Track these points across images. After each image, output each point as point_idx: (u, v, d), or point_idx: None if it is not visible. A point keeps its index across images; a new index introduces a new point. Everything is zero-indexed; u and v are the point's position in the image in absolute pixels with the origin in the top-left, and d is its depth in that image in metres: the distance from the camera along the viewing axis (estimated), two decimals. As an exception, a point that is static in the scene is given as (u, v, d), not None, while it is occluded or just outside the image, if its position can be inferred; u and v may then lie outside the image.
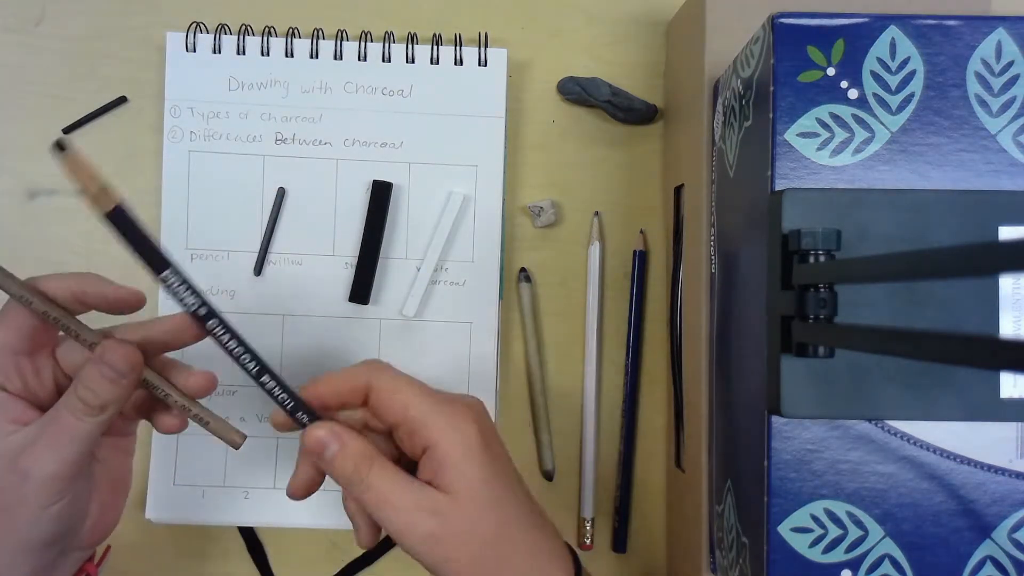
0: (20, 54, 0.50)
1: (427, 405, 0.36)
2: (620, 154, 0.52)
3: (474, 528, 0.35)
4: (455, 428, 0.35)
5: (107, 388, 0.34)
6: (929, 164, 0.34)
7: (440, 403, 0.36)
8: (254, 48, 0.49)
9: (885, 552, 0.34)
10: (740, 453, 0.38)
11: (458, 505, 0.35)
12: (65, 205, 0.50)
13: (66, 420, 0.34)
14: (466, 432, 0.35)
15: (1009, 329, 0.32)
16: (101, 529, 0.38)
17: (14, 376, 0.35)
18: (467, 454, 0.35)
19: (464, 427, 0.35)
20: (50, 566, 0.36)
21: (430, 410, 0.35)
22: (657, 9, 0.52)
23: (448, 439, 0.35)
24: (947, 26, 0.34)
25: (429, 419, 0.35)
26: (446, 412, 0.36)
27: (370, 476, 0.35)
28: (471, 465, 0.35)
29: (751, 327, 0.36)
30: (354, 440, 0.35)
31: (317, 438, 0.35)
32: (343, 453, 0.35)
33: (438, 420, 0.35)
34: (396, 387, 0.36)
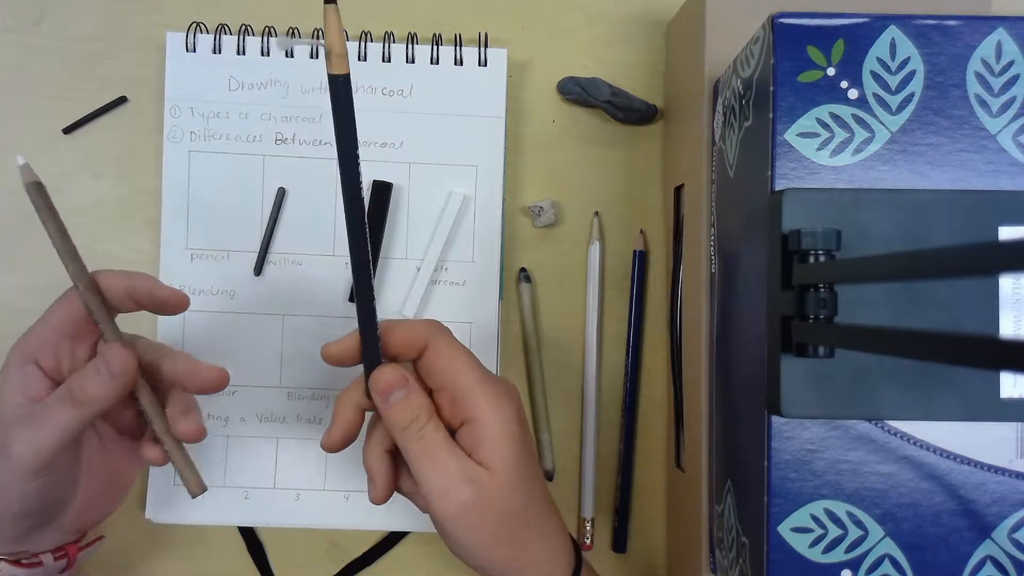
0: (20, 54, 0.50)
1: (477, 379, 0.36)
2: (620, 154, 0.52)
3: (503, 505, 0.36)
4: (498, 407, 0.36)
5: (96, 385, 0.35)
6: (929, 164, 0.34)
7: (488, 380, 0.37)
8: (254, 48, 0.49)
9: (885, 552, 0.34)
10: (740, 453, 0.38)
11: (494, 481, 0.36)
12: (66, 205, 0.50)
13: (52, 408, 0.35)
14: (507, 413, 0.36)
15: (1009, 329, 0.32)
16: (87, 519, 0.39)
17: (50, 355, 0.36)
18: (507, 434, 0.36)
19: (506, 408, 0.36)
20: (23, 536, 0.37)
21: (479, 384, 0.36)
22: (657, 9, 0.52)
23: (492, 417, 0.36)
24: (947, 26, 0.34)
25: (477, 393, 0.36)
26: (491, 391, 0.36)
27: (426, 429, 0.36)
28: (510, 445, 0.36)
29: (751, 327, 0.36)
30: (419, 390, 0.36)
31: (388, 380, 0.36)
32: (408, 399, 0.36)
33: (485, 396, 0.36)
34: (454, 354, 0.37)
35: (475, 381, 0.36)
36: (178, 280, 0.49)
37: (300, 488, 0.49)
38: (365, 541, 0.50)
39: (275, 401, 0.49)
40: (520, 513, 0.37)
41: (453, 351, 0.37)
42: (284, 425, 0.49)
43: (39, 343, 0.36)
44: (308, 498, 0.48)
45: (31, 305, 0.50)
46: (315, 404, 0.49)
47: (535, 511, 0.38)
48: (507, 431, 0.36)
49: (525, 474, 0.37)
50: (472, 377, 0.36)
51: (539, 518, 0.38)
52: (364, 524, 0.49)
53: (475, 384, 0.36)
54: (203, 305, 0.49)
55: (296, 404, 0.49)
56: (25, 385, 0.36)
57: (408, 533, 0.50)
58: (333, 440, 0.38)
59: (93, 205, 0.50)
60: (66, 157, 0.50)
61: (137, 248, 0.50)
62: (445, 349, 0.37)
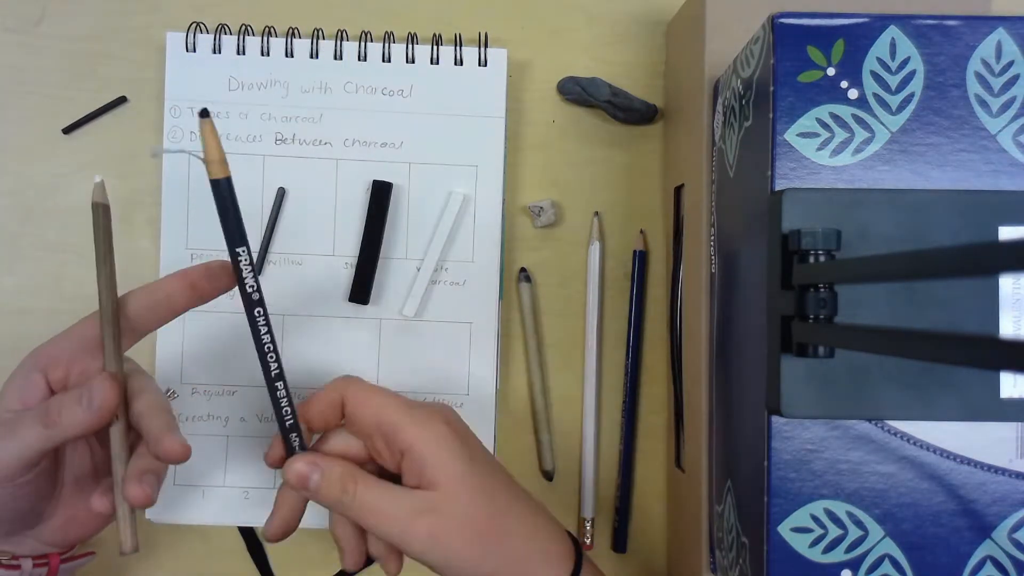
0: (20, 54, 0.50)
1: (398, 410, 0.37)
2: (620, 154, 0.52)
3: (467, 517, 0.36)
4: (427, 427, 0.37)
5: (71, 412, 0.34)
6: (929, 164, 0.34)
7: (411, 407, 0.37)
8: (254, 48, 0.49)
9: (885, 552, 0.34)
10: (740, 453, 0.38)
11: (447, 497, 0.36)
12: (66, 205, 0.50)
13: (23, 424, 0.34)
14: (438, 430, 0.37)
15: (1009, 329, 0.32)
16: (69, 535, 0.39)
17: (61, 367, 0.36)
18: (443, 448, 0.36)
19: (436, 425, 0.37)
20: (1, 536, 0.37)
21: (402, 414, 0.37)
22: (657, 9, 0.52)
23: (424, 438, 0.36)
24: (947, 26, 0.34)
25: (401, 422, 0.36)
26: (416, 415, 0.37)
27: (357, 493, 0.36)
28: (449, 457, 0.36)
29: (751, 327, 0.36)
30: (333, 464, 0.37)
31: (298, 471, 0.36)
32: (326, 478, 0.36)
33: (410, 423, 0.37)
34: (367, 397, 0.37)
35: (397, 413, 0.37)
36: (178, 280, 0.49)
37: (300, 488, 0.49)
38: (365, 541, 0.50)
39: None
40: (490, 517, 0.36)
41: (366, 395, 0.38)
42: (284, 425, 0.49)
43: (53, 354, 0.36)
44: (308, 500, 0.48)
45: (31, 305, 0.50)
46: (315, 404, 0.49)
47: (507, 512, 0.37)
48: (443, 446, 0.36)
49: (480, 480, 0.37)
50: (393, 410, 0.37)
51: (517, 518, 0.38)
52: (364, 524, 0.49)
53: (398, 416, 0.37)
54: (203, 305, 0.49)
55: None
56: (24, 392, 0.36)
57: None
58: (273, 530, 0.39)
59: (93, 205, 0.50)
60: (66, 157, 0.50)
61: (137, 248, 0.50)
62: (359, 395, 0.37)
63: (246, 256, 0.35)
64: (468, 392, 0.49)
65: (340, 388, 0.38)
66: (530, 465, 0.51)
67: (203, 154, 0.34)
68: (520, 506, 0.38)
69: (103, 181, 0.36)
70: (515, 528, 0.37)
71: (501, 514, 0.37)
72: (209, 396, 0.49)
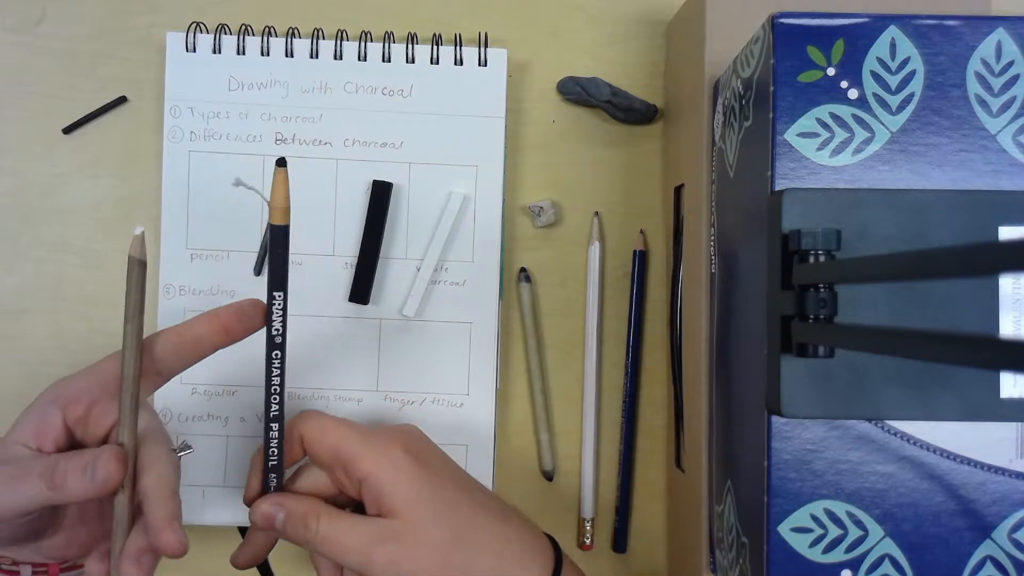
0: (20, 54, 0.50)
1: (353, 441, 0.38)
2: (620, 154, 0.52)
3: (429, 541, 0.37)
4: (383, 453, 0.38)
5: (76, 480, 0.34)
6: (929, 164, 0.34)
7: (366, 436, 0.38)
8: (254, 48, 0.49)
9: (885, 552, 0.34)
10: (740, 453, 0.38)
11: (406, 524, 0.37)
12: (66, 205, 0.50)
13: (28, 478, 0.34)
14: (393, 455, 0.38)
15: (1009, 329, 0.32)
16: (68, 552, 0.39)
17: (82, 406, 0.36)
18: (399, 474, 0.37)
19: (391, 451, 0.38)
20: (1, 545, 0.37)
21: (356, 444, 0.38)
22: (657, 9, 0.52)
23: (378, 465, 0.37)
24: (947, 26, 0.34)
25: (357, 453, 0.37)
26: (371, 443, 0.38)
27: (319, 528, 0.37)
28: (406, 482, 0.37)
29: (751, 327, 0.36)
30: (296, 502, 0.38)
31: (263, 512, 0.38)
32: (290, 517, 0.37)
33: (366, 451, 0.37)
34: (323, 430, 0.38)
35: (352, 444, 0.38)
36: (178, 280, 0.49)
37: (300, 488, 0.49)
38: (365, 541, 0.50)
39: None
40: (455, 538, 0.37)
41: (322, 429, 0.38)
42: (284, 425, 0.49)
43: (74, 391, 0.36)
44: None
45: (31, 305, 0.50)
46: (315, 404, 0.49)
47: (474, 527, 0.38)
48: (398, 471, 0.37)
49: (440, 503, 0.37)
50: (348, 442, 0.38)
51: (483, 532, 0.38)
52: (364, 524, 0.49)
53: (352, 446, 0.38)
54: (203, 305, 0.49)
55: (296, 404, 0.49)
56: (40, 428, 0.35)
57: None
58: (242, 561, 0.41)
59: (93, 205, 0.50)
60: (66, 157, 0.50)
61: (137, 248, 0.50)
62: (315, 431, 0.38)
63: (281, 301, 0.37)
64: (468, 392, 0.49)
65: (297, 425, 0.39)
66: (530, 465, 0.51)
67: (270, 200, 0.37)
68: (488, 519, 0.39)
69: (143, 234, 0.36)
70: (485, 542, 0.38)
71: (467, 532, 0.37)
72: (209, 396, 0.49)
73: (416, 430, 0.41)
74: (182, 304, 0.48)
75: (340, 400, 0.49)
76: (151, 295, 0.49)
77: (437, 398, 0.49)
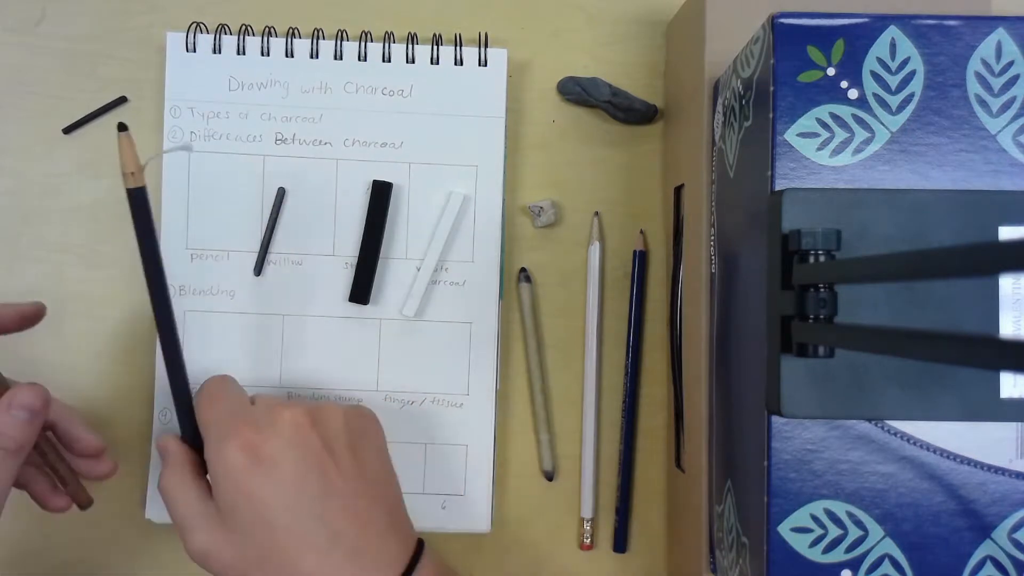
0: (20, 54, 0.50)
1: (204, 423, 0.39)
2: (620, 154, 0.52)
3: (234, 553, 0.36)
4: (218, 450, 0.37)
5: (23, 429, 0.35)
6: (929, 164, 0.34)
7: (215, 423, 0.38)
8: (254, 48, 0.49)
9: (885, 552, 0.34)
10: (740, 453, 0.38)
11: (222, 527, 0.36)
12: (66, 205, 0.50)
13: None
14: (226, 454, 0.37)
15: (1009, 329, 0.32)
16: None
17: None
18: (226, 476, 0.37)
19: (225, 448, 0.37)
20: None
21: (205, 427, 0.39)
22: (657, 9, 0.52)
23: (211, 459, 0.37)
24: (947, 26, 0.34)
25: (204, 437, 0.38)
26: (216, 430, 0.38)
27: (161, 480, 0.38)
28: (228, 487, 0.36)
29: (751, 327, 0.36)
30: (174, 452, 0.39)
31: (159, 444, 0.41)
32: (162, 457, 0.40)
33: (208, 440, 0.38)
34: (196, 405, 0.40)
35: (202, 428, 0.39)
36: (178, 280, 0.49)
37: (300, 488, 0.49)
38: (365, 541, 0.50)
39: None
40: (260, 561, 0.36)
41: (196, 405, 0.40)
42: (284, 425, 0.49)
43: None
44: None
45: (31, 305, 0.50)
46: (315, 404, 0.49)
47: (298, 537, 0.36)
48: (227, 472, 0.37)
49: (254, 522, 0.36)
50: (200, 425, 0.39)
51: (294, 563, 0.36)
52: (364, 524, 0.49)
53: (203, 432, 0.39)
54: (203, 305, 0.49)
55: (296, 404, 0.49)
56: None
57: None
58: None
59: (93, 205, 0.50)
60: (66, 157, 0.50)
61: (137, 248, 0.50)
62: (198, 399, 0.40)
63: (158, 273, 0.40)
64: (468, 392, 0.49)
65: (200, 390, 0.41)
66: (530, 465, 0.51)
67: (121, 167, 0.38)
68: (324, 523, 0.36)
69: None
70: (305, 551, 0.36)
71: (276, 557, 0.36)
72: (209, 396, 0.49)
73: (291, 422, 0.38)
74: (182, 304, 0.48)
75: (339, 400, 0.49)
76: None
77: (437, 398, 0.49)
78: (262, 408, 0.39)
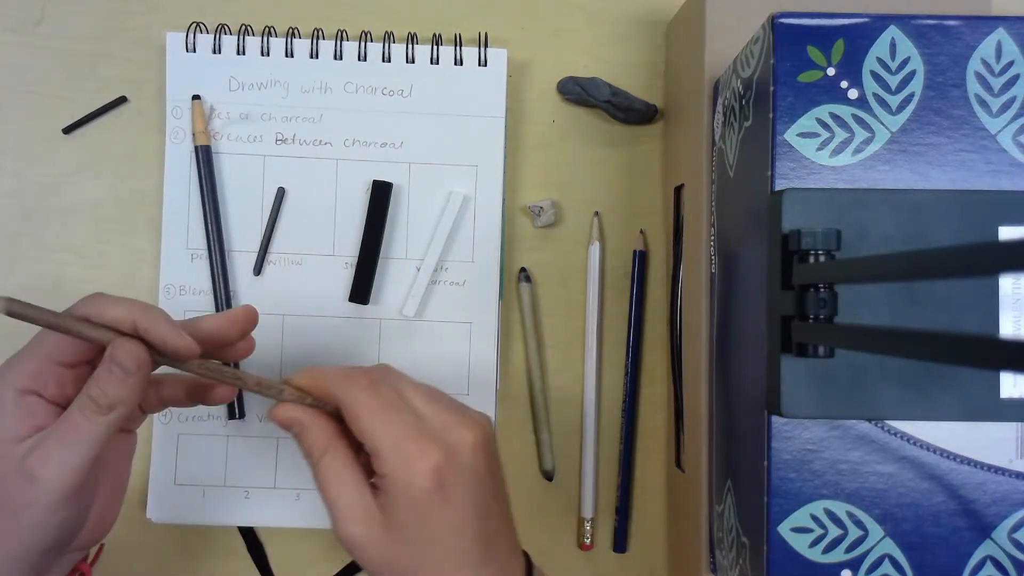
0: (20, 54, 0.50)
1: (384, 439, 0.35)
2: (620, 154, 0.52)
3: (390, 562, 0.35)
4: (404, 467, 0.35)
5: (115, 387, 0.33)
6: (929, 164, 0.34)
7: (399, 439, 0.35)
8: (254, 48, 0.49)
9: (885, 552, 0.34)
10: (740, 453, 0.38)
11: (383, 529, 0.35)
12: (66, 205, 0.50)
13: (76, 420, 0.33)
14: (416, 469, 0.35)
15: (1009, 329, 0.32)
16: (100, 530, 0.38)
17: (52, 384, 0.34)
18: (407, 494, 0.35)
19: (417, 464, 0.35)
20: (46, 569, 0.36)
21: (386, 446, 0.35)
22: (657, 9, 0.52)
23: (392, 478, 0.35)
24: (947, 26, 0.34)
25: (382, 453, 0.35)
26: (402, 450, 0.35)
27: (320, 462, 0.36)
28: (406, 502, 0.35)
29: (751, 327, 0.36)
30: (319, 429, 0.36)
31: (290, 416, 0.36)
32: (304, 436, 0.36)
33: (392, 455, 0.35)
34: (357, 418, 0.35)
35: (378, 439, 0.35)
36: (178, 280, 0.49)
37: (300, 488, 0.49)
38: (365, 541, 0.50)
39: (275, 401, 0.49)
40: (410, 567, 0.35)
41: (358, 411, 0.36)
42: (284, 425, 0.49)
43: (34, 372, 0.34)
44: (308, 498, 0.48)
45: (31, 305, 0.50)
46: (315, 404, 0.49)
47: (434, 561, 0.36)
48: (409, 488, 0.35)
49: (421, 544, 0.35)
50: (375, 436, 0.35)
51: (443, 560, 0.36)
52: (364, 524, 0.49)
53: (379, 444, 0.35)
54: (203, 305, 0.49)
55: (296, 404, 0.49)
56: (32, 416, 0.34)
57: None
58: None
59: (93, 205, 0.50)
60: (66, 157, 0.50)
61: (137, 248, 0.50)
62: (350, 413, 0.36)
63: None
64: (468, 392, 0.49)
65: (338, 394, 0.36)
66: (530, 465, 0.51)
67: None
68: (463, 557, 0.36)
69: None
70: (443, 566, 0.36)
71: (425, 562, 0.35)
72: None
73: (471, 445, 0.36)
74: (182, 304, 0.48)
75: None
76: (151, 295, 0.49)
77: (437, 398, 0.49)
78: (438, 423, 0.37)
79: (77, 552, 0.38)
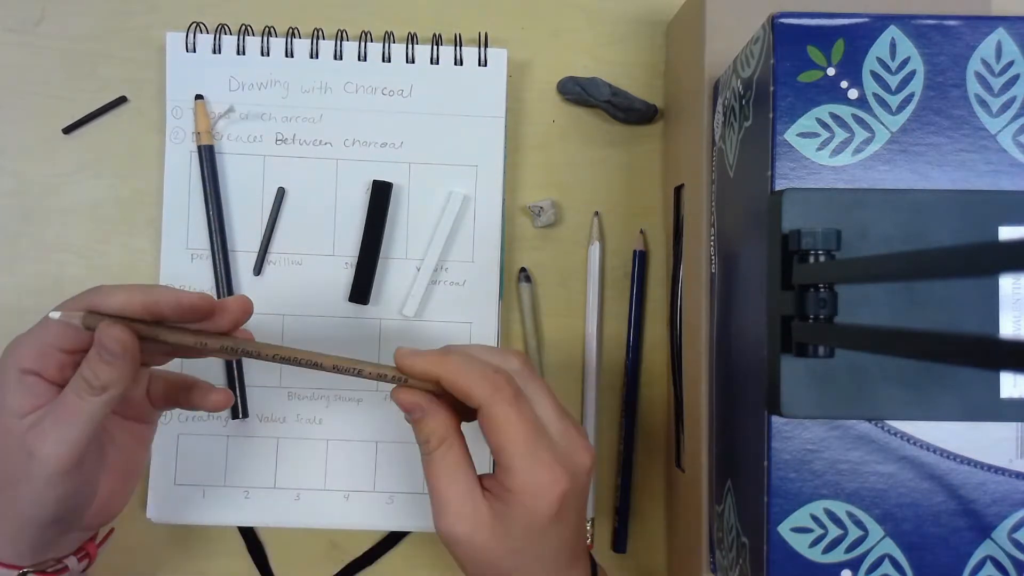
0: (20, 54, 0.50)
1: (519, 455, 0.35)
2: (620, 154, 0.52)
3: (496, 557, 0.36)
4: (534, 492, 0.35)
5: (105, 369, 0.34)
6: (929, 164, 0.34)
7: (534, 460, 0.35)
8: (254, 48, 0.49)
9: (885, 552, 0.34)
10: (740, 453, 0.38)
11: (491, 535, 0.35)
12: (66, 205, 0.50)
13: (70, 400, 0.34)
14: (548, 496, 0.35)
15: (1009, 329, 0.32)
16: (106, 512, 0.39)
17: (52, 366, 0.35)
18: (535, 511, 0.35)
19: (546, 493, 0.35)
20: (49, 543, 0.37)
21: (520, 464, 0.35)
22: (657, 9, 0.52)
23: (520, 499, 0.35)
24: (947, 26, 0.34)
25: (514, 471, 0.35)
26: (535, 472, 0.35)
27: (434, 453, 0.36)
28: (527, 524, 0.35)
29: (751, 327, 0.36)
30: (440, 418, 0.36)
31: (412, 401, 0.36)
32: (423, 425, 0.36)
33: (524, 476, 0.35)
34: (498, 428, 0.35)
35: (514, 457, 0.35)
36: (178, 280, 0.49)
37: (300, 488, 0.49)
38: (365, 541, 0.50)
39: (275, 401, 0.49)
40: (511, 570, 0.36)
41: (498, 424, 0.35)
42: (284, 425, 0.49)
43: (36, 354, 0.35)
44: (308, 498, 0.48)
45: (31, 305, 0.50)
46: (315, 404, 0.49)
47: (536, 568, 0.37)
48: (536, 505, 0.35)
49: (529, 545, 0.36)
50: (512, 454, 0.35)
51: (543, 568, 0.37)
52: (364, 524, 0.49)
53: (514, 462, 0.35)
54: (203, 305, 0.49)
55: (296, 404, 0.49)
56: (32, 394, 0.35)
57: (408, 533, 0.50)
58: None
59: (93, 205, 0.50)
60: (66, 157, 0.50)
61: (137, 248, 0.50)
62: (490, 423, 0.35)
63: None
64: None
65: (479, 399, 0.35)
66: (530, 465, 0.51)
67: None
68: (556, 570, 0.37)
69: None
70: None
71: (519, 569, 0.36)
72: (209, 396, 0.49)
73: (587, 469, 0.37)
74: (182, 304, 0.48)
75: (340, 400, 0.49)
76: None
77: (437, 398, 0.49)
78: (565, 444, 0.37)
79: (84, 532, 0.39)
